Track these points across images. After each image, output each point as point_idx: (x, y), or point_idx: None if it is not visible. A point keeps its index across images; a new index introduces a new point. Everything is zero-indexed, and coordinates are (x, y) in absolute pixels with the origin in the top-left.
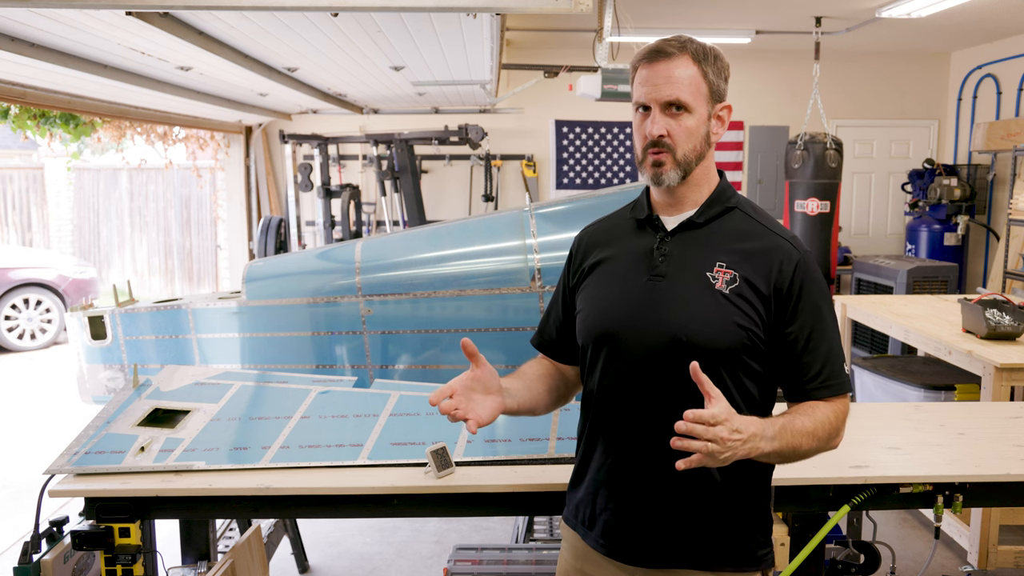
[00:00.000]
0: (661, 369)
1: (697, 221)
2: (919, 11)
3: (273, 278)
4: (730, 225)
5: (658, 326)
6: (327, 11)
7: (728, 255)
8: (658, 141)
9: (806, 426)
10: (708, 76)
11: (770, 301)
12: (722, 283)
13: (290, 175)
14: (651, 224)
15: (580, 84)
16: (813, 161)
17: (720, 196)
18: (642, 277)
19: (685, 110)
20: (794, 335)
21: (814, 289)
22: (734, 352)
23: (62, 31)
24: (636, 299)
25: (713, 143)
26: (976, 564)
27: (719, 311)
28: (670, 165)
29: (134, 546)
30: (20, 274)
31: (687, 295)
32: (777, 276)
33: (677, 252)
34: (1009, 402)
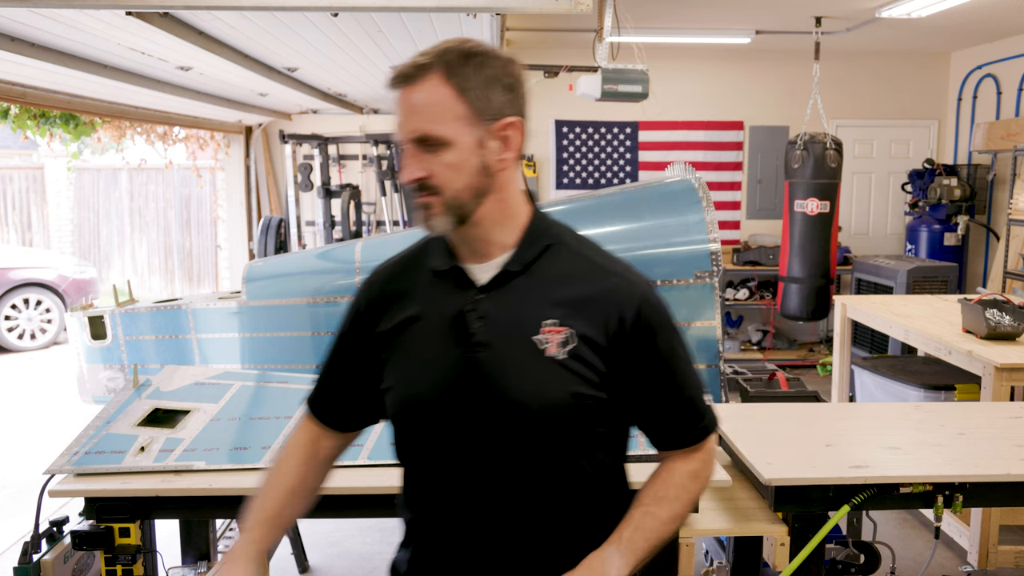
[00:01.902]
0: (490, 456)
1: (513, 270)
2: (919, 11)
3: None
4: (554, 267)
5: (481, 410)
6: (327, 11)
7: (557, 308)
8: (418, 185)
9: (662, 515)
10: (469, 93)
11: (610, 354)
12: (555, 346)
13: (290, 175)
14: (456, 278)
15: (580, 84)
16: (813, 161)
17: (536, 232)
18: (455, 350)
19: (441, 144)
20: (645, 385)
21: (661, 329)
22: (575, 426)
23: (62, 31)
24: (454, 376)
25: (501, 171)
26: (976, 564)
27: (554, 384)
28: (438, 209)
29: (134, 546)
30: (20, 274)
31: (514, 367)
32: (617, 325)
33: (496, 313)
34: (1009, 402)
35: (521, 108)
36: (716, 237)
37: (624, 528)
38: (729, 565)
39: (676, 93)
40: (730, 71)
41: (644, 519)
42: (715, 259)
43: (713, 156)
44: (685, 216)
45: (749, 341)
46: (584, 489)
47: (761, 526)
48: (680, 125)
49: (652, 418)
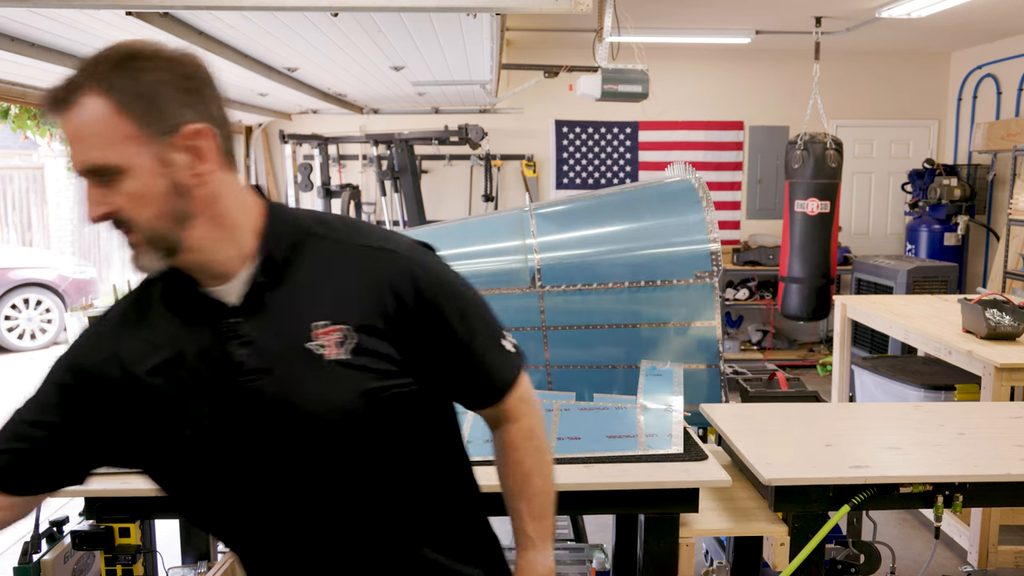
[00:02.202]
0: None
1: (264, 280)
2: (919, 11)
3: None
4: (312, 262)
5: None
6: (327, 11)
7: (324, 306)
8: (114, 222)
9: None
10: (129, 106)
11: (397, 336)
12: (333, 348)
13: (290, 175)
14: (202, 306)
15: (580, 84)
16: (813, 161)
17: (277, 232)
18: (227, 383)
19: (114, 173)
20: (443, 355)
21: (442, 294)
22: (385, 423)
23: (62, 31)
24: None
25: (202, 186)
26: (976, 564)
27: (341, 388)
28: (142, 246)
29: (134, 546)
30: (20, 274)
31: (297, 386)
32: (395, 304)
33: (259, 332)
34: (1009, 402)
35: (210, 110)
36: (716, 237)
37: (522, 524)
38: (729, 565)
39: (676, 93)
40: (730, 71)
41: (530, 504)
42: (715, 259)
43: (713, 156)
44: (685, 216)
45: (749, 341)
46: (417, 480)
47: (761, 526)
48: (680, 125)
49: (455, 383)
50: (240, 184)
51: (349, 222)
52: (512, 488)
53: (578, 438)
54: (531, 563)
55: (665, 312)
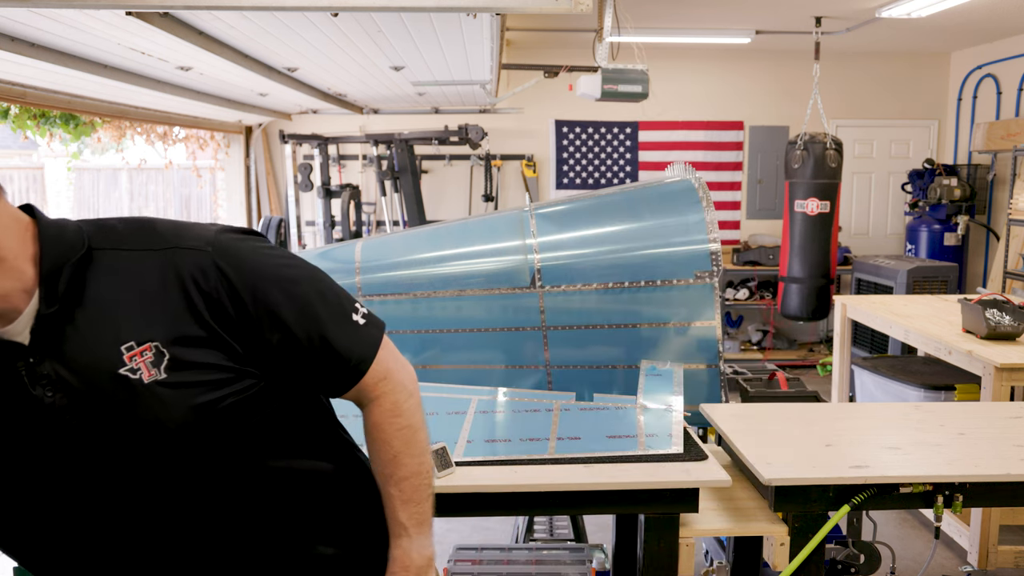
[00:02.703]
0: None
1: (50, 312)
2: (919, 11)
3: None
4: (103, 279)
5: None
6: (327, 11)
7: (129, 325)
8: None
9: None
10: None
11: (221, 337)
12: (148, 370)
13: (290, 175)
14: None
15: (580, 84)
16: (813, 161)
17: (53, 254)
18: (38, 431)
19: None
20: (280, 344)
21: (258, 277)
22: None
23: (62, 31)
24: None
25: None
26: (976, 564)
27: (171, 409)
28: None
29: None
30: None
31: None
32: (206, 304)
33: (63, 369)
34: (1009, 402)
35: None
36: (716, 237)
37: (393, 511)
38: (729, 565)
39: (676, 93)
40: (730, 71)
41: (401, 489)
42: (715, 259)
43: (713, 156)
44: (685, 216)
45: (749, 341)
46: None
47: (761, 526)
48: (680, 125)
49: (306, 374)
50: (5, 207)
51: (135, 225)
52: (381, 472)
53: (578, 438)
54: (405, 552)
55: (665, 312)
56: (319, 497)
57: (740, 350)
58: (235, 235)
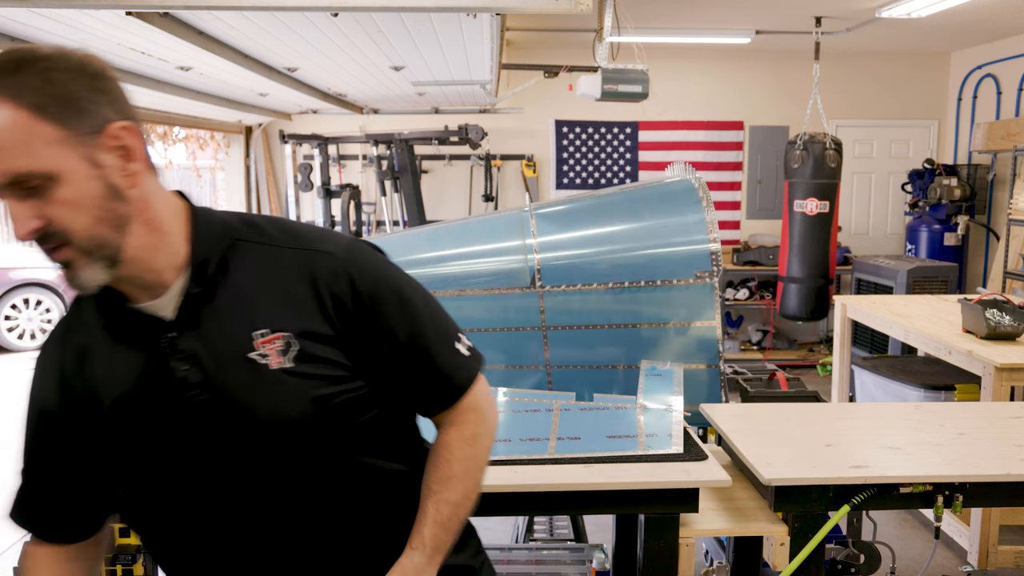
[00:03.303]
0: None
1: (197, 291)
2: (919, 11)
3: None
4: (246, 269)
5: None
6: (327, 11)
7: (264, 314)
8: (39, 238)
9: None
10: (49, 109)
11: (343, 338)
12: (276, 358)
13: (290, 175)
14: (137, 323)
15: (580, 84)
16: (812, 161)
17: (206, 238)
18: (171, 400)
19: (46, 180)
20: (388, 356)
21: (382, 291)
22: (334, 429)
23: (62, 31)
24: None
25: (134, 187)
26: (976, 564)
27: (289, 398)
28: (80, 260)
29: (134, 546)
30: (20, 274)
31: (243, 398)
32: (332, 301)
33: (200, 345)
34: (1009, 402)
35: (126, 109)
36: (716, 237)
37: (422, 525)
38: (729, 565)
39: (676, 93)
40: (730, 71)
41: (439, 509)
42: (715, 259)
43: (713, 156)
44: (685, 216)
45: (749, 341)
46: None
47: (761, 526)
48: (680, 125)
49: (405, 388)
50: (164, 187)
51: (280, 224)
52: (429, 486)
53: (578, 438)
54: (413, 566)
55: (665, 312)
56: (393, 496)
57: (740, 350)
58: (366, 248)
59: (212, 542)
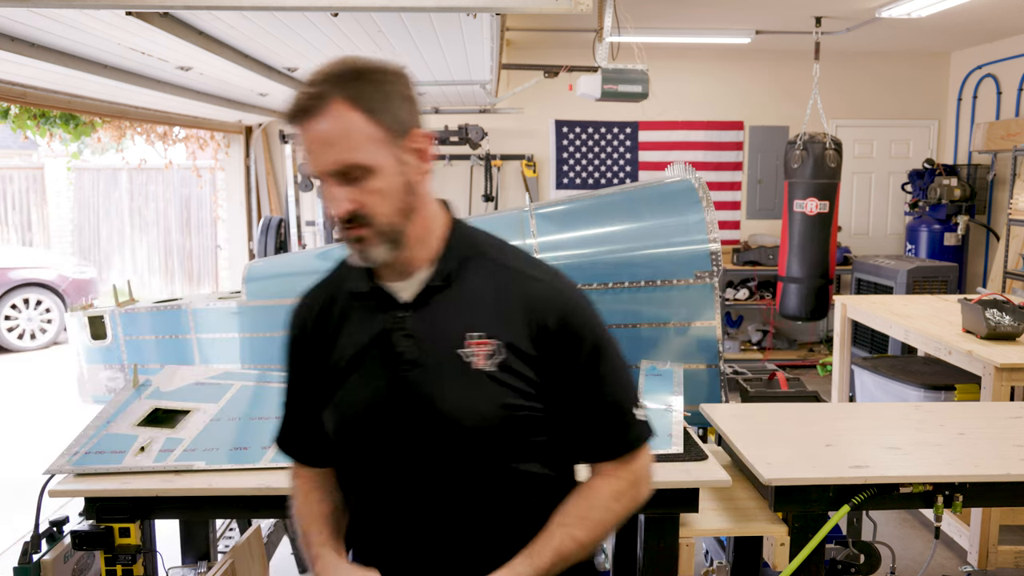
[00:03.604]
0: (426, 471)
1: (436, 285)
2: (919, 11)
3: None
4: (477, 279)
5: (416, 426)
6: (327, 11)
7: (482, 320)
8: (349, 217)
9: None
10: (376, 113)
11: (539, 362)
12: (483, 359)
13: (290, 175)
14: (378, 299)
15: (580, 84)
16: (812, 161)
17: (457, 244)
18: (386, 368)
19: (366, 172)
20: (569, 394)
21: (586, 334)
22: (509, 438)
23: (62, 31)
24: (385, 396)
25: (419, 183)
26: (976, 564)
27: (484, 396)
28: (373, 239)
29: (134, 546)
30: (20, 274)
31: (445, 383)
32: (540, 332)
33: (422, 329)
34: (1009, 402)
35: (420, 116)
36: (716, 237)
37: (544, 545)
38: (729, 565)
39: (676, 93)
40: (730, 71)
41: (564, 539)
42: (715, 259)
43: (713, 156)
44: (685, 216)
45: (749, 341)
46: (523, 498)
47: (761, 526)
48: (680, 125)
49: (576, 427)
50: (431, 194)
51: (510, 248)
52: (565, 517)
53: None
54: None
55: (665, 312)
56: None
57: (740, 350)
58: (579, 291)
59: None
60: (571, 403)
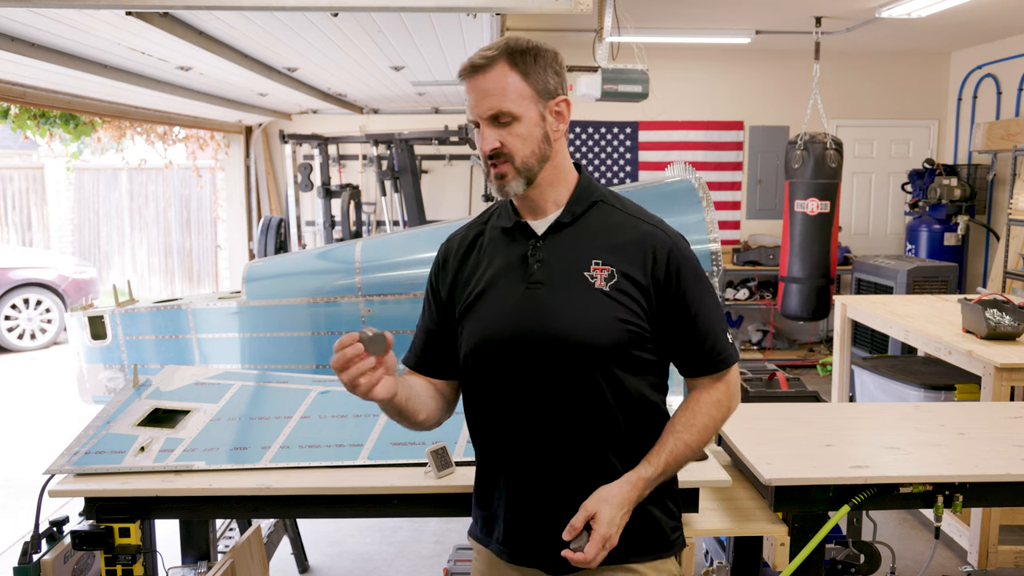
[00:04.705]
0: (552, 374)
1: (564, 221)
2: (919, 11)
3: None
4: (599, 220)
5: (544, 333)
6: (327, 11)
7: (602, 251)
8: (494, 154)
9: (691, 441)
10: (530, 77)
11: (649, 291)
12: (601, 281)
13: (290, 175)
14: (520, 230)
15: (580, 84)
16: (813, 161)
17: (583, 192)
18: (520, 286)
19: (513, 119)
20: (677, 320)
21: (689, 273)
22: (621, 347)
23: (62, 31)
24: (517, 309)
25: (556, 140)
26: (976, 564)
27: (601, 310)
28: (512, 175)
29: (134, 546)
30: (20, 274)
31: (567, 298)
32: (652, 266)
33: (551, 256)
34: (1009, 402)
35: (564, 87)
36: (716, 237)
37: (660, 450)
38: (729, 565)
39: (676, 93)
40: (730, 71)
41: (676, 444)
42: (715, 259)
43: (713, 156)
44: (685, 216)
45: (749, 341)
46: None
47: (761, 526)
48: (680, 125)
49: (680, 349)
50: (568, 154)
51: (627, 199)
52: (674, 425)
53: None
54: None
55: None
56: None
57: (740, 350)
58: (677, 232)
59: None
60: (676, 326)
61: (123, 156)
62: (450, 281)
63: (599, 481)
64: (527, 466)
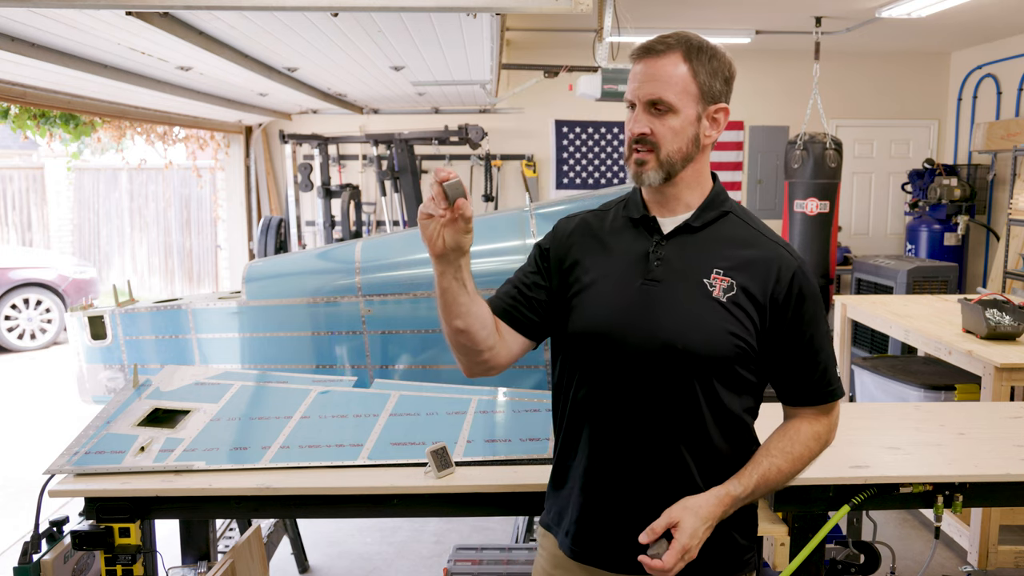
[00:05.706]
0: (652, 374)
1: (693, 225)
2: (919, 11)
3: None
4: (726, 231)
5: (652, 331)
6: (327, 11)
7: (725, 262)
8: (640, 139)
9: (784, 468)
10: (699, 76)
11: (766, 310)
12: (719, 291)
13: (290, 175)
14: (646, 225)
15: (580, 84)
16: (813, 161)
17: (715, 200)
18: (636, 280)
19: (670, 110)
20: (789, 344)
21: (810, 299)
22: (726, 361)
23: (62, 31)
24: (630, 302)
25: (704, 146)
26: (976, 564)
27: (714, 319)
28: (652, 164)
29: (134, 546)
30: (20, 274)
31: (682, 301)
32: (774, 286)
33: (673, 256)
34: (1009, 402)
35: (728, 99)
36: None
37: (752, 470)
38: None
39: None
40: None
41: (769, 468)
42: None
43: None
44: None
45: None
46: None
47: (761, 526)
48: None
49: (787, 375)
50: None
51: (756, 217)
52: (770, 448)
53: None
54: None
55: None
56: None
57: None
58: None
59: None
60: (787, 350)
61: (123, 156)
62: (564, 258)
63: (676, 490)
64: (608, 460)
